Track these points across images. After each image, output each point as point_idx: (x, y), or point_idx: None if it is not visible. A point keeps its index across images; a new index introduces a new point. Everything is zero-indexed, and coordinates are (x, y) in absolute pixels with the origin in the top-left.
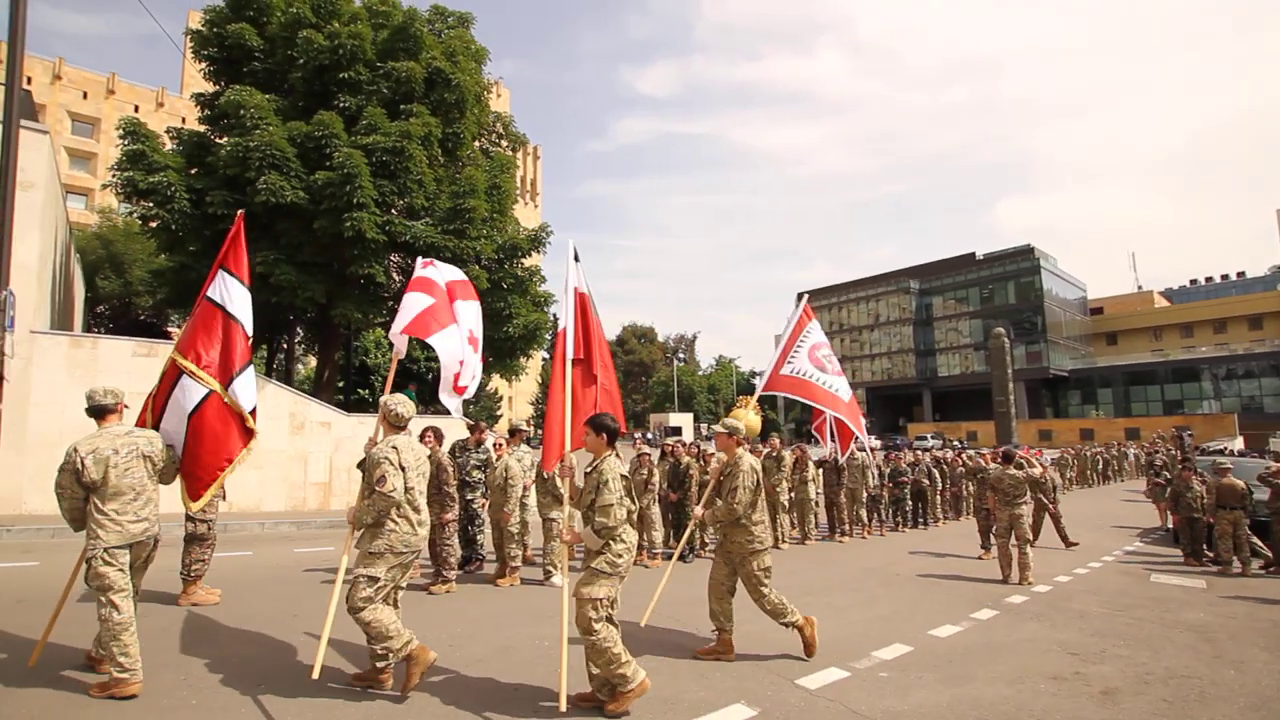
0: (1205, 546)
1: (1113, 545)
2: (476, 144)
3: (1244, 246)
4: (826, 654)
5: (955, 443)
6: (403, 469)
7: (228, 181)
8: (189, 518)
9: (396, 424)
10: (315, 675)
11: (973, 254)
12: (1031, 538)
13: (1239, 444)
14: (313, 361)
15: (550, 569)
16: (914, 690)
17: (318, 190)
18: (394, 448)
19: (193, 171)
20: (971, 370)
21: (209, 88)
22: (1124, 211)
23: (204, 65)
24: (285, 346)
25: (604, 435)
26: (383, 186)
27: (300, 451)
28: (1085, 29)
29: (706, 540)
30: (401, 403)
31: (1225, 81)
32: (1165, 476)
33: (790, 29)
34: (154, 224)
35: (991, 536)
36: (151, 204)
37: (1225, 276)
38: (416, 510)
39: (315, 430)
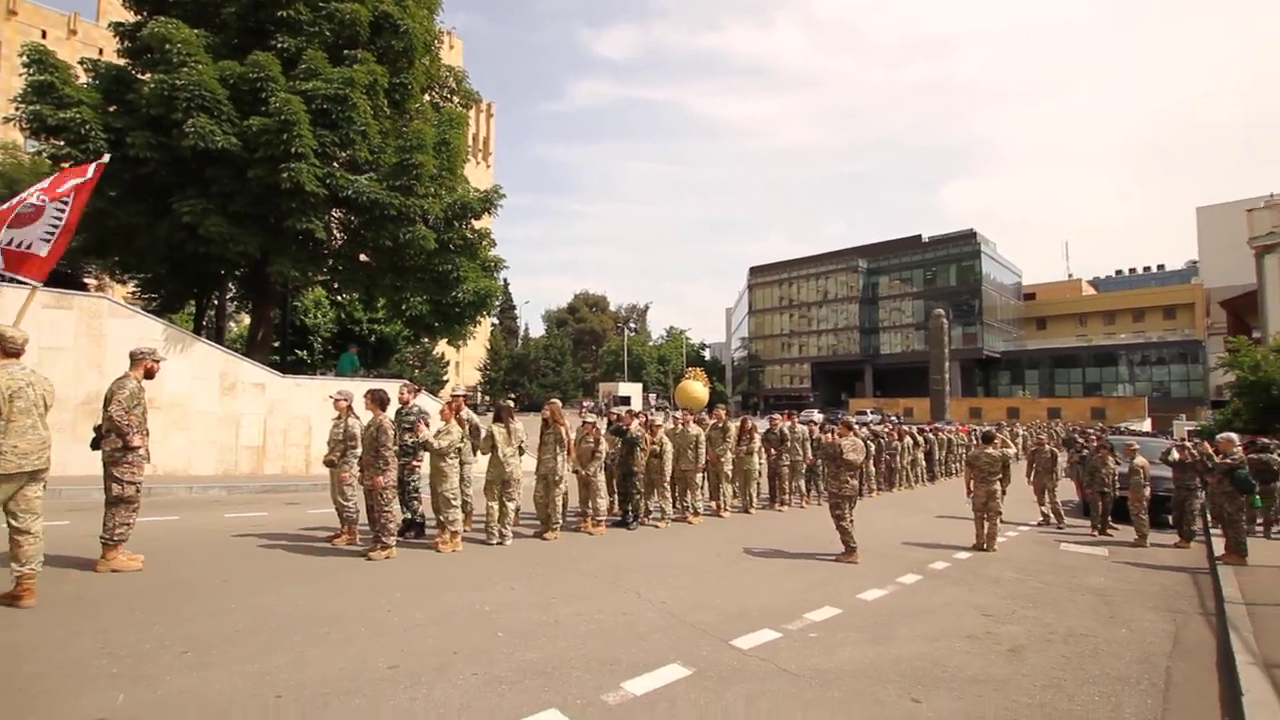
0: (1111, 519)
1: (1030, 516)
2: (426, 97)
3: (1166, 240)
4: (762, 616)
5: (893, 417)
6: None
7: (151, 122)
8: (114, 478)
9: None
10: None
11: (919, 236)
12: (1002, 511)
13: (1148, 426)
14: (246, 320)
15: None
16: (840, 649)
17: (252, 137)
18: None
19: (111, 109)
20: (912, 349)
21: (129, 17)
22: (1061, 200)
23: None
24: (216, 303)
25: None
26: (323, 136)
27: (232, 413)
28: (1037, 15)
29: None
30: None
31: (1154, 81)
32: (1083, 453)
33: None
34: (66, 164)
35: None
36: (63, 142)
37: (1147, 268)
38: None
39: (248, 391)
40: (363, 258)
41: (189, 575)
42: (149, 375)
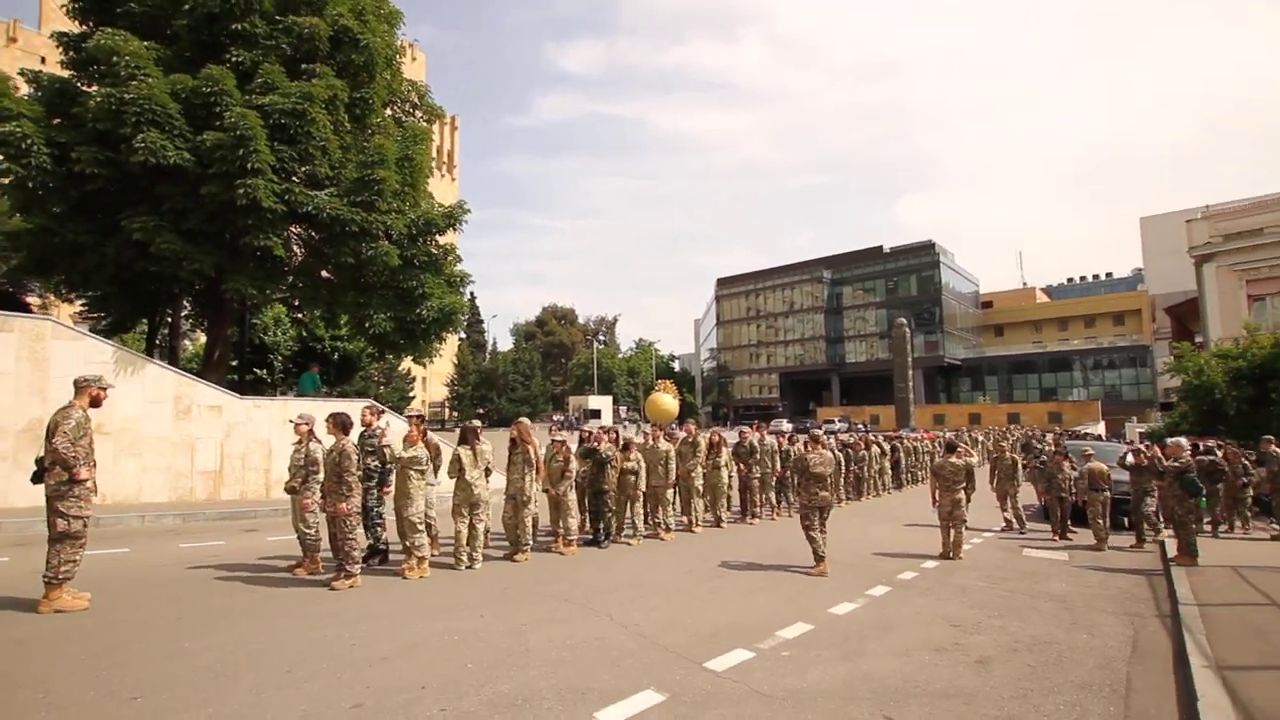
0: (1070, 523)
1: (994, 522)
2: (388, 112)
3: (1113, 249)
4: (734, 636)
5: (859, 426)
6: None
7: (98, 136)
8: (58, 513)
9: None
10: None
11: (880, 247)
12: (967, 519)
13: (1101, 428)
14: (202, 338)
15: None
16: (812, 668)
17: (206, 152)
18: None
19: (54, 122)
20: (876, 357)
21: (74, 26)
22: (1014, 212)
23: (68, 0)
24: (169, 321)
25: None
26: (281, 152)
27: (186, 438)
28: (988, 41)
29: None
30: None
31: (1101, 100)
32: (1041, 460)
33: (714, 18)
34: (6, 180)
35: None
36: (2, 157)
37: (1096, 276)
38: None
39: (204, 415)
40: (324, 274)
41: (140, 614)
42: (95, 404)
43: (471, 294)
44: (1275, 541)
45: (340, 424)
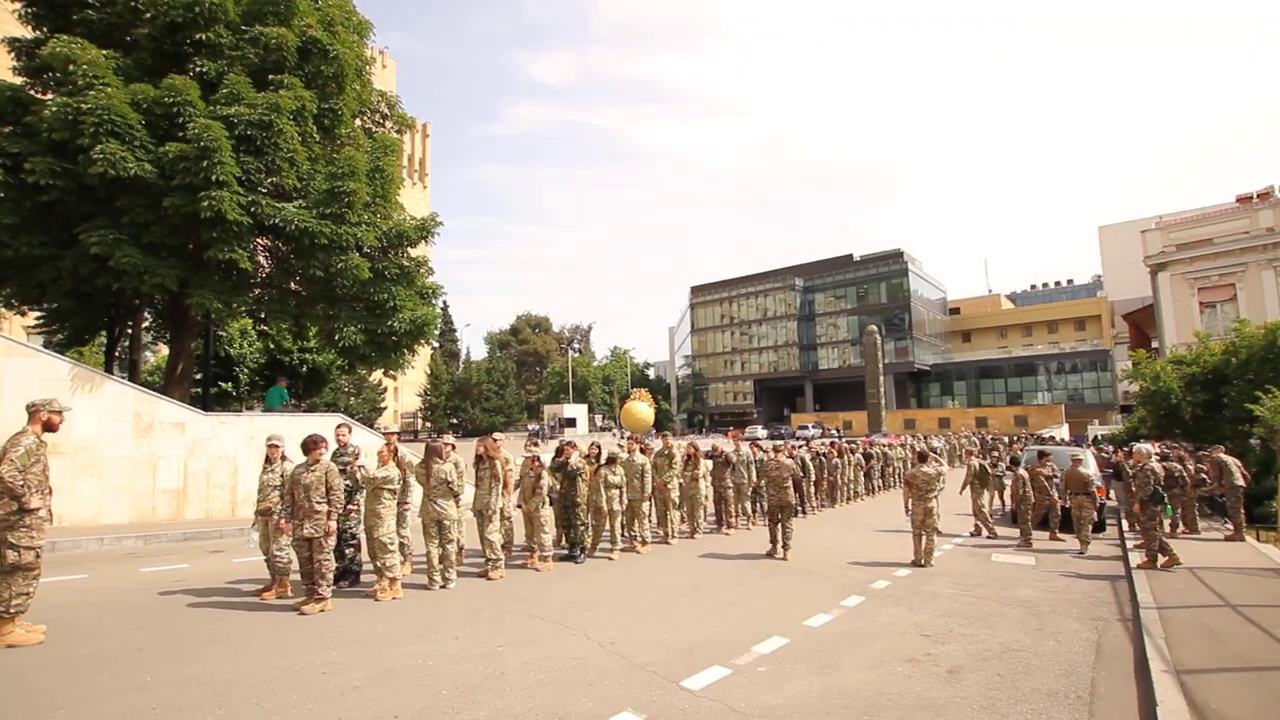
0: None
1: (963, 527)
2: (358, 123)
3: (1074, 256)
4: (711, 652)
5: (833, 431)
6: None
7: (53, 147)
8: (8, 545)
9: None
10: None
11: (850, 255)
12: (939, 527)
13: (1065, 431)
14: (164, 350)
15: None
16: (788, 683)
17: (169, 164)
18: None
19: (6, 130)
20: (848, 364)
21: (27, 32)
22: (980, 219)
23: (20, 4)
24: (129, 334)
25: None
26: (247, 164)
27: (148, 456)
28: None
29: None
30: None
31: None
32: (1002, 466)
33: (682, 29)
34: None
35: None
36: None
37: (1058, 283)
38: None
39: (166, 432)
40: (292, 286)
41: (99, 645)
42: (49, 429)
43: (444, 303)
44: (1229, 542)
45: (316, 445)
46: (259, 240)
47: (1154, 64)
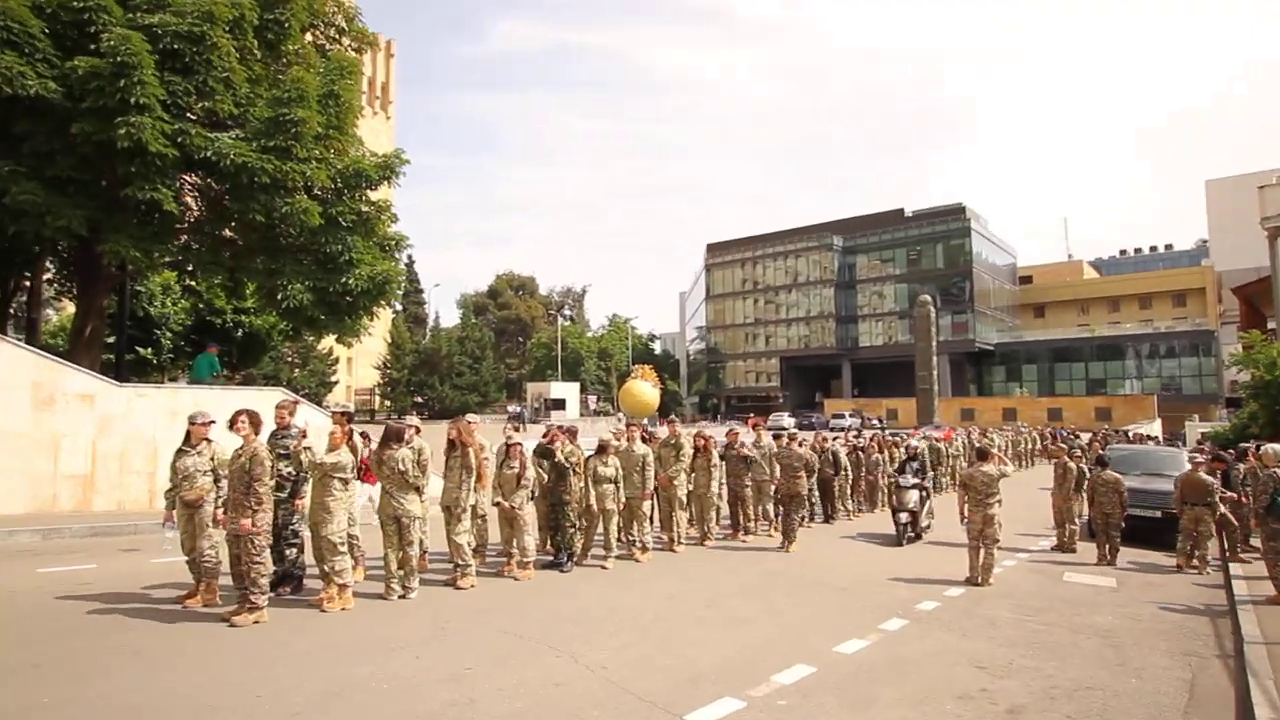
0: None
1: (1028, 540)
2: (308, 38)
3: (1175, 217)
4: (722, 679)
5: (875, 421)
6: None
7: None
8: None
9: None
10: None
11: (901, 210)
12: (1000, 539)
13: (1157, 427)
14: (69, 308)
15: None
16: None
17: (78, 83)
18: None
19: None
20: (895, 340)
21: None
22: (1060, 172)
23: None
24: (27, 287)
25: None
26: (174, 84)
27: (49, 435)
28: None
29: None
30: None
31: (1162, 43)
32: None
33: None
34: None
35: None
36: None
37: (1154, 249)
38: None
39: (71, 406)
40: (227, 234)
41: None
42: None
43: (409, 258)
44: None
45: (252, 422)
46: (187, 177)
47: None
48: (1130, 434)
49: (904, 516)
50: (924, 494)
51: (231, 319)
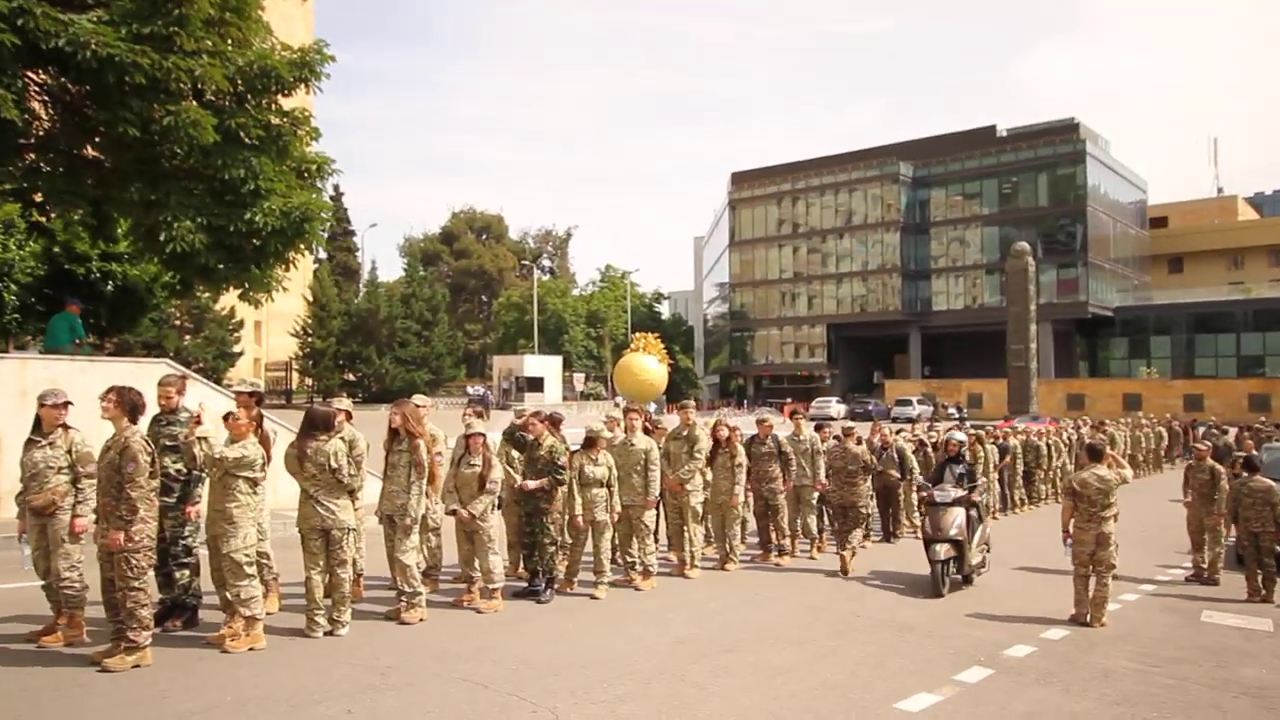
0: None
1: (1154, 567)
2: None
3: None
4: None
5: (952, 409)
6: None
7: None
8: None
9: None
10: None
11: (992, 128)
12: (1116, 564)
13: None
14: None
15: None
16: None
17: None
18: None
19: None
20: (980, 303)
21: None
22: (1205, 77)
23: None
24: None
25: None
26: None
27: None
28: None
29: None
30: None
31: None
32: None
33: None
34: None
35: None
36: None
37: None
38: None
39: None
40: (90, 154)
41: None
42: None
43: (336, 190)
44: None
45: (127, 404)
46: (33, 75)
47: None
48: None
49: (941, 550)
50: (974, 514)
51: (98, 268)
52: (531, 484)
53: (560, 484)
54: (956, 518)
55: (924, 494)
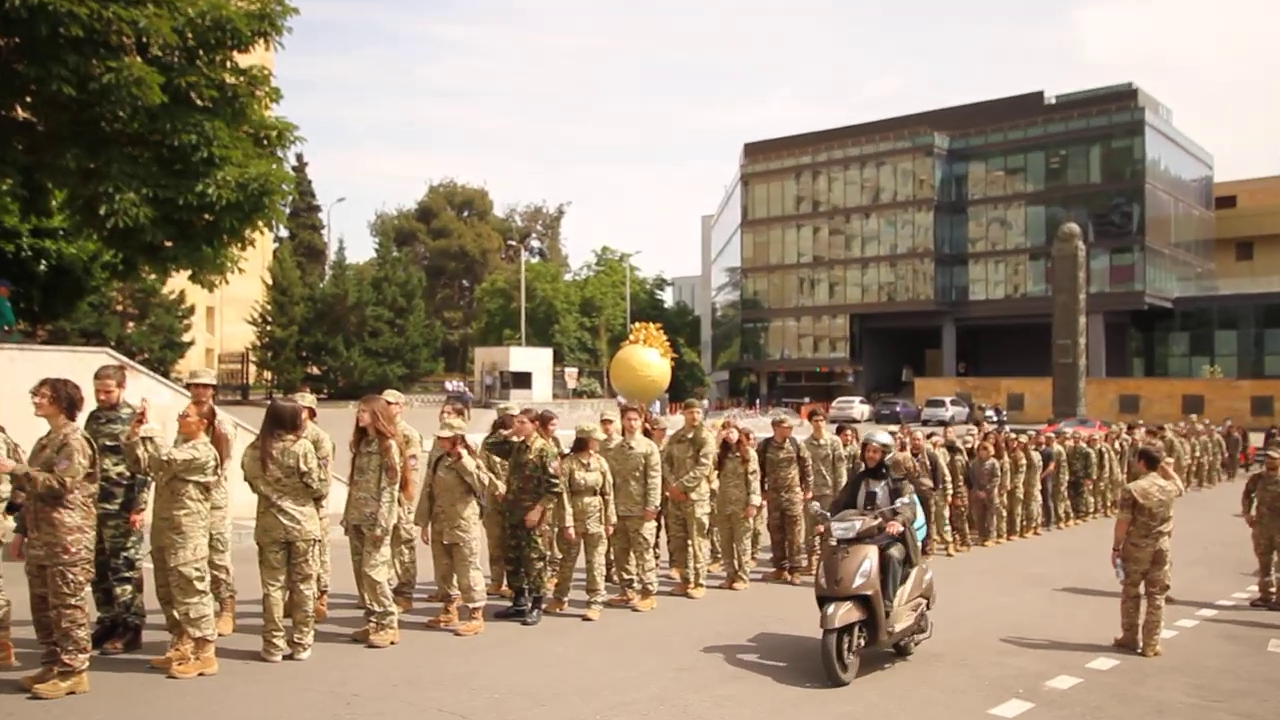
0: None
1: (1217, 590)
2: None
3: None
4: None
5: (990, 411)
6: None
7: None
8: None
9: None
10: None
11: (1039, 94)
12: (1171, 584)
13: None
14: None
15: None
16: None
17: None
18: None
19: None
20: (1023, 292)
21: None
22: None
23: None
24: None
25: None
26: None
27: None
28: None
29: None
30: None
31: None
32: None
33: None
34: None
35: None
36: None
37: None
38: None
39: None
40: (20, 115)
41: None
42: None
43: (299, 159)
44: None
45: (64, 399)
46: None
47: None
48: None
49: (838, 612)
50: (896, 553)
51: (29, 245)
52: (534, 515)
53: (555, 494)
54: (863, 562)
55: (819, 527)
